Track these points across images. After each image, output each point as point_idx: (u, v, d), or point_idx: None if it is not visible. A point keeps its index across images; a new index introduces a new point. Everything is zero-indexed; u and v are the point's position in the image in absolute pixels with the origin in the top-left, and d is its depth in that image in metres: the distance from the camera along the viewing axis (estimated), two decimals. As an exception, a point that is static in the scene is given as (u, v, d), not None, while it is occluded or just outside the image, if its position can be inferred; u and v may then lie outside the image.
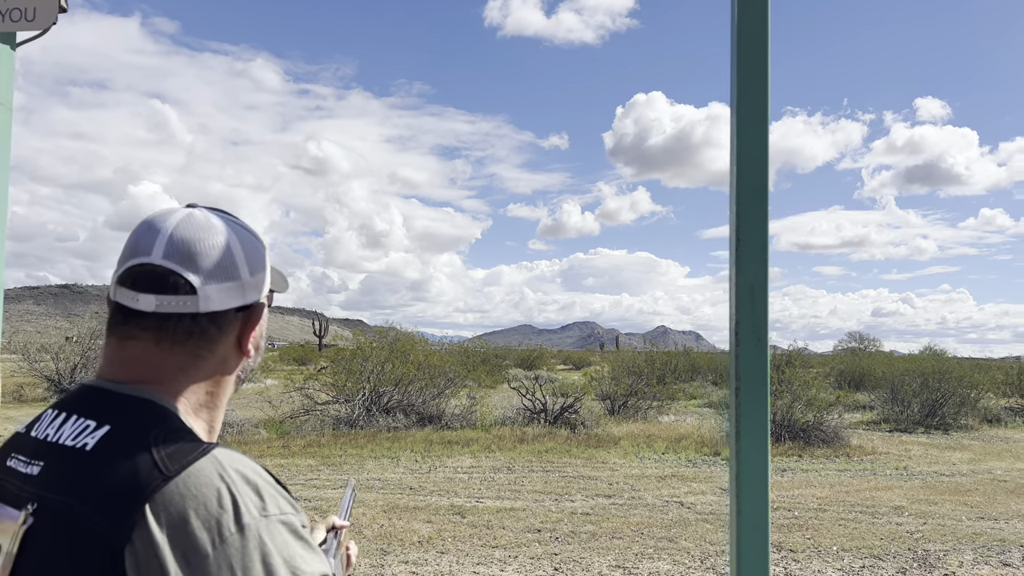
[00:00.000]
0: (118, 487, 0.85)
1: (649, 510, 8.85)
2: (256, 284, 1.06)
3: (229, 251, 1.02)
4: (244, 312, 1.05)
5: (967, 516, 8.94)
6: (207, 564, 0.82)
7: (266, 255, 1.10)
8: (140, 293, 0.98)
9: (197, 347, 1.00)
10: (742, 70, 1.27)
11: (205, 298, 0.99)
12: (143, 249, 0.99)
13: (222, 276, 1.00)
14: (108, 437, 0.90)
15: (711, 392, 26.13)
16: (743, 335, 1.24)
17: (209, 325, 1.00)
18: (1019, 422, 19.68)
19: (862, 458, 13.38)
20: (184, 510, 0.83)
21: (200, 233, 1.01)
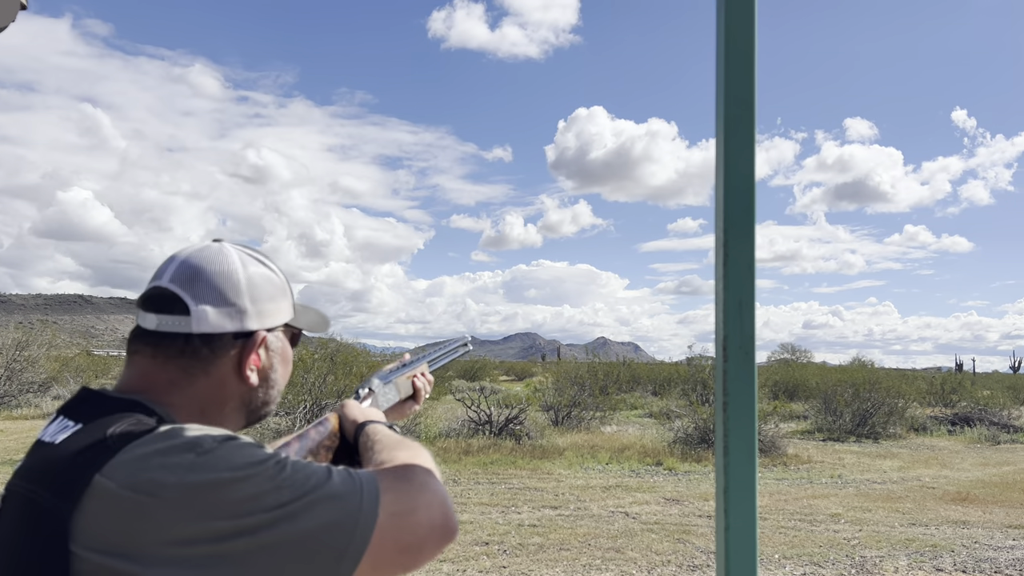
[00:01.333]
0: (69, 467, 0.89)
1: (595, 521, 8.89)
2: (259, 313, 1.11)
3: (230, 278, 1.08)
4: (242, 339, 1.09)
5: (900, 523, 9.24)
6: (169, 494, 0.85)
7: (283, 291, 1.17)
8: (147, 312, 1.07)
9: (189, 365, 1.05)
10: (729, 91, 1.29)
11: (198, 319, 1.05)
12: (158, 274, 1.09)
13: (218, 300, 1.07)
14: (77, 433, 0.94)
15: (651, 402, 26.45)
16: (731, 350, 1.25)
17: (202, 346, 1.06)
18: (943, 430, 20.45)
19: (799, 467, 13.72)
20: (139, 460, 0.87)
21: (207, 261, 1.09)
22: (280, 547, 0.87)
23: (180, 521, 0.84)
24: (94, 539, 0.84)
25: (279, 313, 1.15)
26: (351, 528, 0.90)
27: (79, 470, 0.88)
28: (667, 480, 11.97)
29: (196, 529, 0.84)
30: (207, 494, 0.86)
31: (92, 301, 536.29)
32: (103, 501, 0.85)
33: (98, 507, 0.85)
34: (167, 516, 0.84)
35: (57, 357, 24.95)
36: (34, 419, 18.80)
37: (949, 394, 27.05)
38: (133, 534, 0.84)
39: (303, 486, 0.90)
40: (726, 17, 1.30)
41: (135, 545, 0.84)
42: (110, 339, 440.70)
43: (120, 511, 0.85)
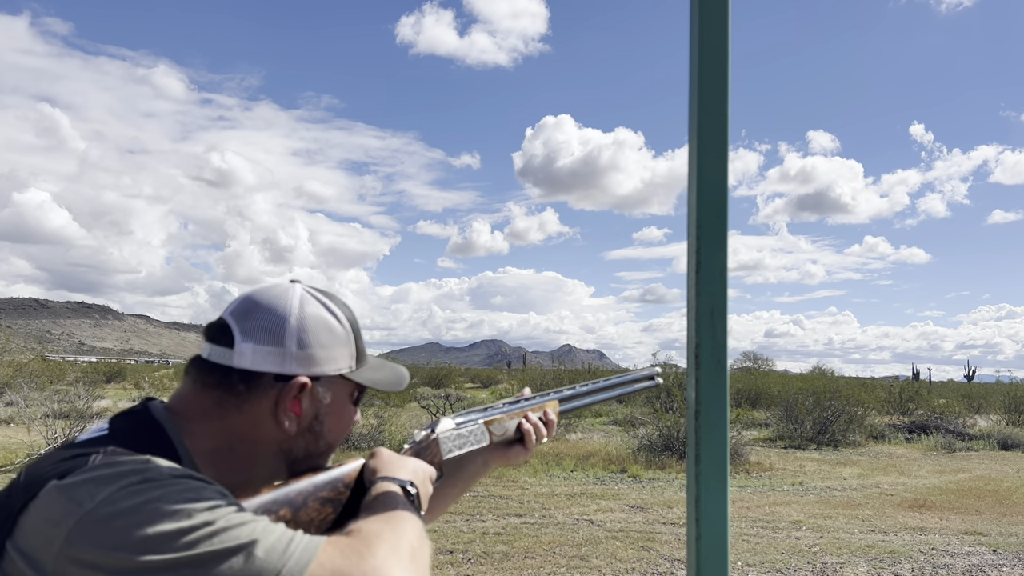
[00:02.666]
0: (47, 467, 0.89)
1: (560, 528, 8.88)
2: (305, 359, 1.07)
3: (282, 320, 1.07)
4: (282, 382, 1.06)
5: (859, 529, 9.38)
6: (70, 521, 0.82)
7: (342, 341, 1.12)
8: (204, 341, 1.09)
9: (223, 398, 1.04)
10: (703, 99, 1.29)
11: (239, 354, 1.04)
12: (226, 306, 1.10)
13: (262, 339, 1.05)
14: (97, 435, 0.96)
15: (616, 409, 26.55)
16: (703, 358, 1.25)
17: (239, 382, 1.04)
18: (901, 438, 20.83)
19: (760, 474, 13.86)
20: (78, 481, 0.85)
21: (265, 298, 1.08)
22: None
23: (88, 542, 0.80)
24: (25, 541, 0.84)
25: (331, 362, 1.10)
26: None
27: (48, 473, 0.88)
28: (631, 487, 12.01)
29: (98, 556, 0.80)
30: (123, 520, 0.81)
31: (48, 305, 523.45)
32: (44, 505, 0.84)
33: (38, 510, 0.85)
34: (80, 533, 0.81)
35: (11, 363, 24.28)
36: (-15, 426, 18.26)
37: (906, 402, 27.59)
38: (49, 544, 0.82)
39: (223, 539, 0.82)
40: (700, 28, 1.30)
41: (47, 556, 0.82)
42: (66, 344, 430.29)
43: (47, 517, 0.83)
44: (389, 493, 1.06)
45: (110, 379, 39.78)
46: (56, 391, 23.47)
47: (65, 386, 26.07)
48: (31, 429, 13.43)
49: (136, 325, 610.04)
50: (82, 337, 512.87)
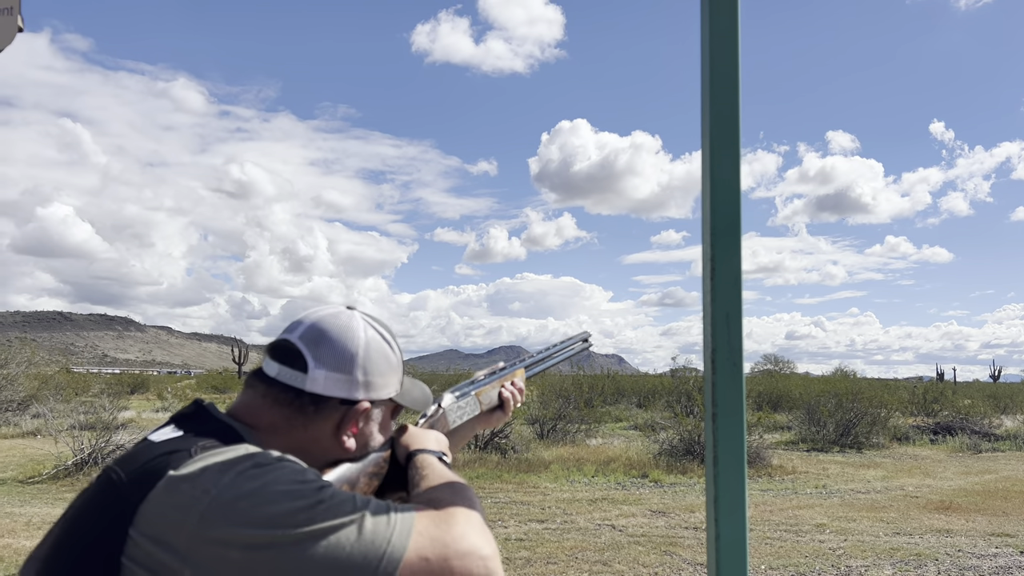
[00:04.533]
0: (152, 463, 0.99)
1: (582, 534, 8.88)
2: (367, 385, 1.20)
3: (350, 349, 1.18)
4: (347, 406, 1.18)
5: (884, 532, 9.29)
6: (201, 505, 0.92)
7: (395, 368, 1.26)
8: (272, 360, 1.18)
9: (293, 416, 1.15)
10: (714, 104, 1.31)
11: (312, 379, 1.15)
12: (291, 328, 1.20)
13: (334, 367, 1.16)
14: (175, 437, 1.05)
15: (636, 414, 26.48)
16: (719, 362, 1.27)
17: (309, 404, 1.15)
18: (926, 440, 20.61)
19: (783, 477, 13.77)
20: (200, 468, 0.96)
21: (334, 328, 1.19)
22: (305, 567, 0.91)
23: (221, 522, 0.91)
24: (150, 527, 0.93)
25: (387, 388, 1.24)
26: (375, 565, 0.92)
27: (159, 466, 0.97)
28: (653, 492, 11.98)
29: (233, 533, 0.91)
30: (248, 501, 0.93)
31: (71, 318, 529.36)
32: (166, 493, 0.94)
33: (161, 498, 0.94)
34: (212, 515, 0.92)
35: (36, 375, 24.62)
36: (14, 438, 18.53)
37: (931, 403, 27.28)
38: (180, 527, 0.91)
39: (336, 513, 0.94)
40: (710, 31, 1.33)
41: (179, 538, 0.91)
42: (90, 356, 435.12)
43: (175, 504, 0.93)
44: (433, 464, 1.24)
45: (133, 390, 40.14)
46: (81, 403, 23.76)
47: (90, 398, 26.39)
48: (58, 441, 13.61)
49: (158, 336, 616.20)
50: (105, 349, 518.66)
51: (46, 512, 9.79)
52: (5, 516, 9.51)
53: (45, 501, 10.68)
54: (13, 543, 8.07)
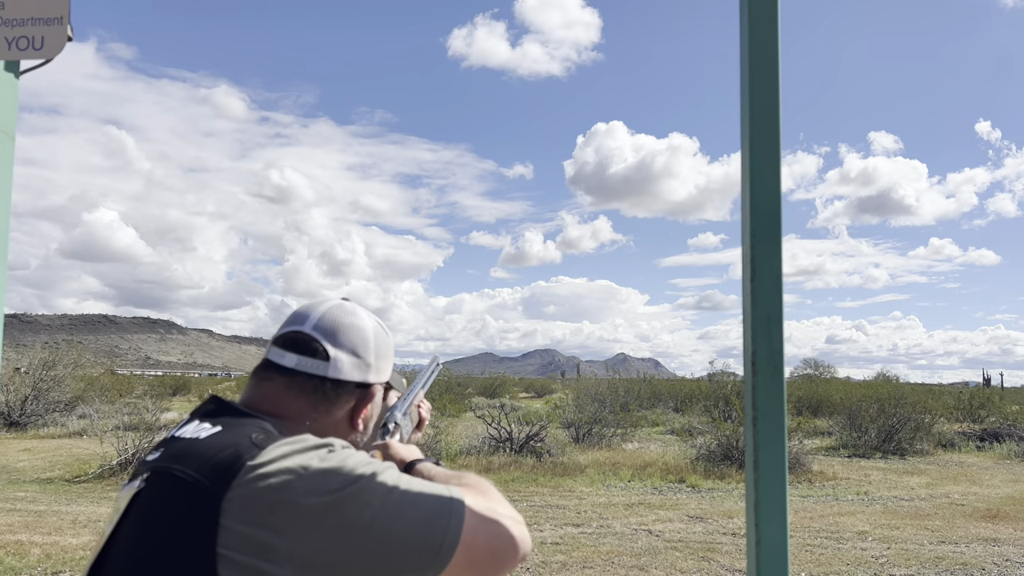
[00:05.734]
0: (220, 456, 1.03)
1: (618, 539, 8.82)
2: (377, 369, 1.30)
3: (364, 336, 1.28)
4: (361, 389, 1.27)
5: (928, 540, 9.09)
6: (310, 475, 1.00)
7: (392, 352, 1.36)
8: (287, 352, 1.23)
9: (316, 403, 1.22)
10: (754, 106, 1.30)
11: (335, 366, 1.23)
12: (298, 321, 1.26)
13: (353, 352, 1.25)
14: (219, 433, 1.09)
15: (673, 419, 26.26)
16: (760, 365, 1.25)
17: (331, 389, 1.23)
18: (972, 446, 20.11)
19: (824, 484, 13.54)
20: (278, 455, 1.02)
21: (345, 317, 1.28)
22: (394, 519, 1.03)
23: (315, 495, 0.99)
24: (242, 513, 0.98)
25: (388, 371, 1.34)
26: (445, 523, 1.05)
27: (230, 458, 1.02)
28: (690, 497, 11.86)
29: (325, 500, 0.99)
30: (337, 472, 1.02)
31: (116, 321, 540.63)
32: (253, 482, 0.99)
33: (249, 486, 0.99)
34: (305, 491, 0.99)
35: (82, 376, 25.21)
36: (61, 438, 18.99)
37: (977, 409, 26.63)
38: (276, 507, 0.98)
39: (404, 480, 1.08)
40: (750, 31, 1.31)
41: (277, 517, 0.98)
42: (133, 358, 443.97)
43: (266, 489, 0.99)
44: (435, 468, 1.32)
45: (175, 392, 40.94)
46: (125, 404, 24.28)
47: (133, 399, 26.95)
48: (103, 441, 13.92)
49: (199, 339, 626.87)
50: (148, 351, 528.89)
51: (92, 511, 10.02)
52: (52, 514, 9.75)
53: (91, 500, 10.93)
54: (60, 540, 8.27)
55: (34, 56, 1.42)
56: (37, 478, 12.74)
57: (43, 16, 1.44)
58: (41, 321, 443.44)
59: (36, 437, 19.11)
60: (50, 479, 12.65)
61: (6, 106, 1.35)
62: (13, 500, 10.76)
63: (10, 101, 1.35)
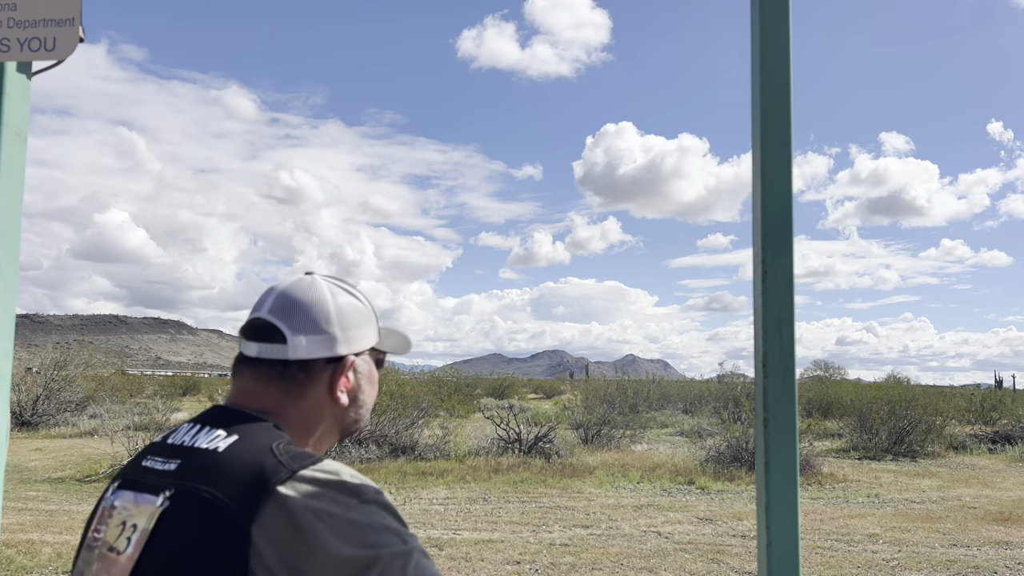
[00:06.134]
0: (248, 477, 1.00)
1: (627, 540, 8.80)
2: (347, 339, 1.21)
3: (322, 309, 1.20)
4: (334, 364, 1.20)
5: (940, 543, 9.03)
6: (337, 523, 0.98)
7: (368, 318, 1.27)
8: (249, 342, 1.19)
9: (289, 388, 1.17)
10: (765, 106, 1.29)
11: (294, 347, 1.16)
12: (258, 307, 1.21)
13: (311, 330, 1.18)
14: (237, 443, 1.06)
15: (682, 420, 26.19)
16: (771, 366, 1.25)
17: (298, 371, 1.17)
18: (984, 449, 19.97)
19: (834, 486, 13.48)
20: (309, 491, 0.99)
21: (300, 293, 1.20)
22: None
23: (341, 544, 0.98)
24: (269, 547, 0.96)
25: (365, 338, 1.26)
26: None
27: (260, 479, 1.00)
28: (700, 499, 11.83)
29: (350, 553, 0.98)
30: (362, 529, 1.00)
31: (127, 321, 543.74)
32: (281, 514, 0.97)
33: (276, 518, 0.97)
34: (331, 540, 0.97)
35: (93, 377, 25.36)
36: (72, 438, 19.10)
37: (989, 411, 26.46)
38: (301, 551, 0.96)
39: (416, 543, 1.05)
40: (761, 32, 1.31)
41: (300, 561, 0.96)
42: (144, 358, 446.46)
43: (294, 527, 0.97)
44: None
45: (185, 392, 41.12)
46: (136, 404, 24.41)
47: (144, 399, 27.10)
48: (114, 441, 14.00)
49: (209, 340, 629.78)
50: (159, 352, 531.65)
51: (102, 510, 10.06)
52: (63, 514, 9.81)
53: (102, 499, 10.98)
54: (71, 540, 8.31)
55: (46, 57, 1.42)
56: (48, 477, 12.82)
57: (55, 17, 1.45)
58: (53, 321, 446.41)
59: (47, 437, 19.22)
60: (61, 479, 12.72)
61: (18, 107, 1.35)
62: (24, 499, 10.83)
63: (22, 102, 1.35)
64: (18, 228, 1.37)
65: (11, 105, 1.34)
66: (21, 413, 20.62)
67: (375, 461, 14.60)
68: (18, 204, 1.37)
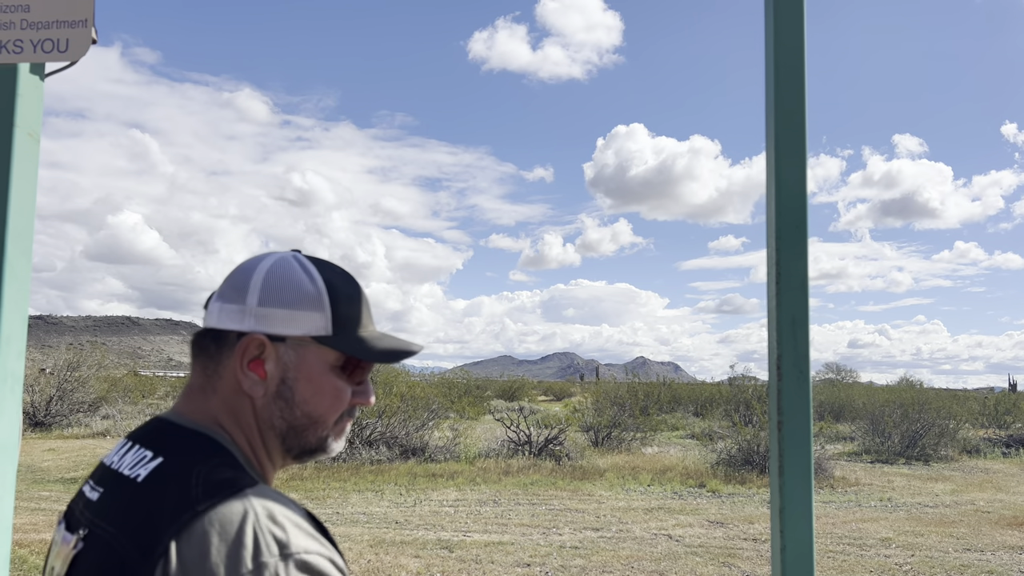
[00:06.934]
0: (153, 521, 0.88)
1: (638, 543, 8.77)
2: (262, 316, 1.02)
3: (246, 277, 1.04)
4: (242, 339, 1.01)
5: (954, 548, 8.96)
6: None
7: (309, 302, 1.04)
8: None
9: (205, 365, 1.04)
10: (780, 106, 1.28)
11: (210, 313, 1.05)
12: None
13: (228, 297, 1.04)
14: (158, 469, 0.94)
15: (693, 423, 26.11)
16: (785, 368, 1.24)
17: (211, 342, 1.04)
18: (997, 453, 19.82)
19: (846, 489, 13.40)
20: (206, 546, 0.85)
21: (248, 263, 1.07)
22: None
23: None
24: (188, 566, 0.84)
25: (294, 323, 1.02)
26: None
27: (162, 528, 0.87)
28: (710, 502, 11.78)
29: None
30: None
31: (139, 323, 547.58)
32: (173, 570, 0.85)
33: (193, 546, 0.85)
34: None
35: (106, 378, 25.52)
36: (85, 438, 19.22)
37: (1003, 415, 26.23)
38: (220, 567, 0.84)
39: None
40: (775, 32, 1.30)
41: None
42: (156, 359, 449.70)
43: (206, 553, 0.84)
44: None
45: (197, 393, 41.33)
46: (148, 405, 24.56)
47: (156, 400, 27.26)
48: (126, 441, 14.05)
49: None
50: (170, 353, 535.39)
51: (115, 510, 10.12)
52: (76, 513, 9.87)
53: (114, 500, 11.04)
54: (84, 540, 8.36)
55: (59, 58, 1.43)
56: (61, 478, 12.89)
57: (68, 19, 1.46)
58: (66, 323, 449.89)
59: (60, 437, 19.36)
60: (74, 479, 12.79)
61: (31, 108, 1.36)
62: (38, 499, 10.90)
63: (35, 103, 1.36)
64: (31, 229, 1.38)
65: (24, 106, 1.35)
66: (34, 414, 20.77)
67: (385, 463, 14.62)
68: (32, 205, 1.37)
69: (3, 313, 1.40)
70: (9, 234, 1.35)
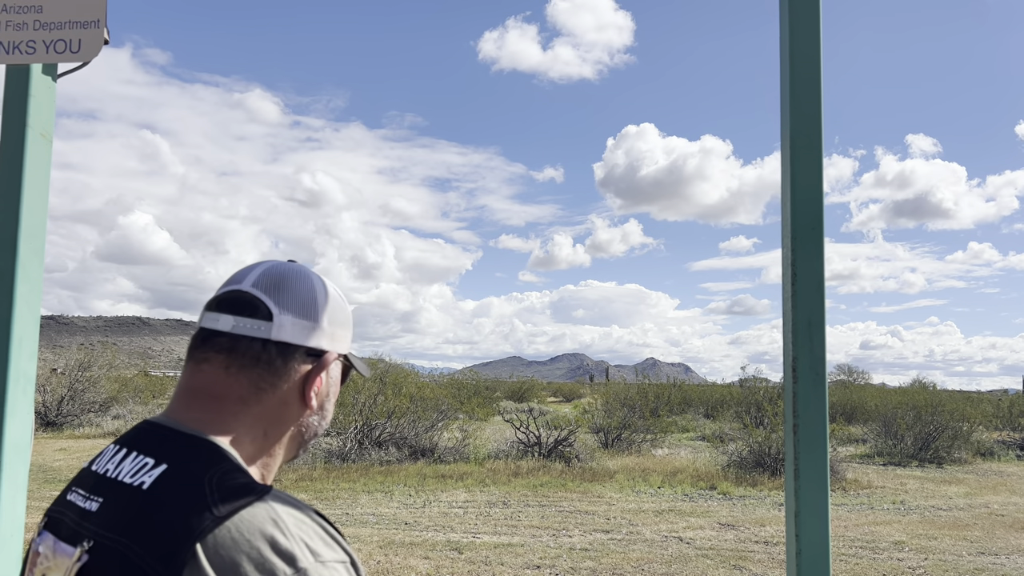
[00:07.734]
0: (170, 528, 0.85)
1: (648, 545, 8.74)
2: (331, 335, 1.07)
3: (313, 295, 1.06)
4: (312, 357, 1.04)
5: (967, 551, 8.88)
6: None
7: (349, 322, 1.12)
8: (222, 314, 1.02)
9: (261, 377, 1.01)
10: (795, 106, 1.27)
11: (279, 326, 1.01)
12: (236, 279, 1.06)
13: (300, 312, 1.03)
14: (164, 476, 0.91)
15: (704, 425, 26.03)
16: (801, 371, 1.22)
17: (276, 356, 1.01)
18: (1012, 456, 19.66)
19: (858, 492, 13.32)
20: (236, 555, 0.83)
21: (291, 274, 1.06)
22: None
23: None
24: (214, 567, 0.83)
25: (344, 341, 1.10)
26: None
27: (182, 536, 0.84)
28: (721, 505, 11.73)
29: None
30: None
31: (150, 323, 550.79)
32: None
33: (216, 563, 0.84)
34: None
35: (117, 378, 25.68)
36: (95, 438, 19.33)
37: (1017, 417, 26.00)
38: None
39: None
40: (791, 33, 1.28)
41: None
42: (166, 360, 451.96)
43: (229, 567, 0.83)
44: None
45: (208, 393, 41.55)
46: (158, 405, 24.69)
47: (166, 400, 27.38)
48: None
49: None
50: (181, 353, 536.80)
51: (126, 510, 10.16)
52: (88, 513, 9.91)
53: (125, 499, 11.09)
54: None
55: (71, 59, 1.43)
56: (72, 477, 12.97)
57: (80, 19, 1.46)
58: (77, 323, 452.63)
59: (72, 437, 19.47)
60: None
61: (44, 108, 1.36)
62: (49, 499, 10.95)
63: (47, 103, 1.36)
64: (43, 230, 1.38)
65: (37, 107, 1.35)
66: (46, 414, 20.90)
67: (395, 464, 14.64)
68: (44, 206, 1.38)
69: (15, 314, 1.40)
70: (22, 234, 1.35)
